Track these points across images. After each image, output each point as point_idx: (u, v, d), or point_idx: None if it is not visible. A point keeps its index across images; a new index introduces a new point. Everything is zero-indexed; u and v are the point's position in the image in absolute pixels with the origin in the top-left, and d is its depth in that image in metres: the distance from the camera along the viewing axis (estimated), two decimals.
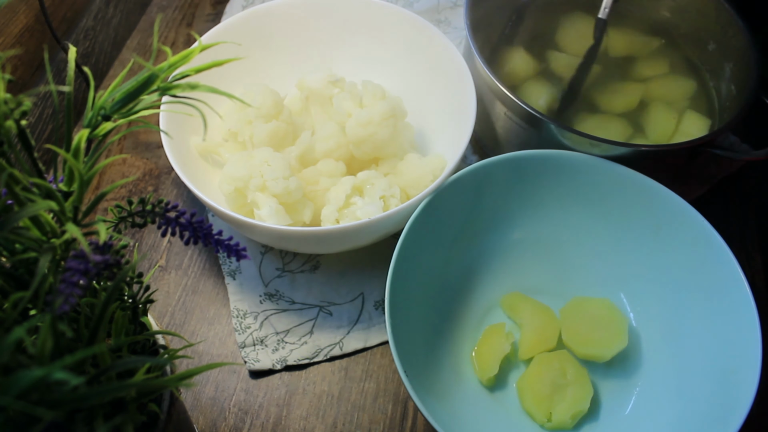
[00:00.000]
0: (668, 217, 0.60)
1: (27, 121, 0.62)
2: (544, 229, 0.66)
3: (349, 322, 0.66)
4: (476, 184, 0.62)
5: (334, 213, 0.63)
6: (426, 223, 0.60)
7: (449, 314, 0.64)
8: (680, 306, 0.60)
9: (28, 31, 0.77)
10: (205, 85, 0.36)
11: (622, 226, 0.63)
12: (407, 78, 0.76)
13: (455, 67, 0.69)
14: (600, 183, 0.62)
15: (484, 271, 0.66)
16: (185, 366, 0.63)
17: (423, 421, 0.61)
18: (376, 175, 0.66)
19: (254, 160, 0.63)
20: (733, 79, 0.70)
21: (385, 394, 0.62)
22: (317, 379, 0.63)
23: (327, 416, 0.61)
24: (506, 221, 0.65)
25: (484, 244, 0.66)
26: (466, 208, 0.63)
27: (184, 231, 0.39)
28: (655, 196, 0.60)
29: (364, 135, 0.66)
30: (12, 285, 0.35)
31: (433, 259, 0.62)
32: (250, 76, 0.76)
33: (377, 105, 0.66)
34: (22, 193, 0.32)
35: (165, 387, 0.38)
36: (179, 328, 0.66)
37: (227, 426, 0.60)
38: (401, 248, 0.57)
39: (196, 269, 0.70)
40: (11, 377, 0.26)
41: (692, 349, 0.58)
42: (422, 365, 0.58)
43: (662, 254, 0.61)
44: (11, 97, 0.31)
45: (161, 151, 0.79)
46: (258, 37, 0.75)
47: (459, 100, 0.68)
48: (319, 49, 0.78)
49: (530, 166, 0.63)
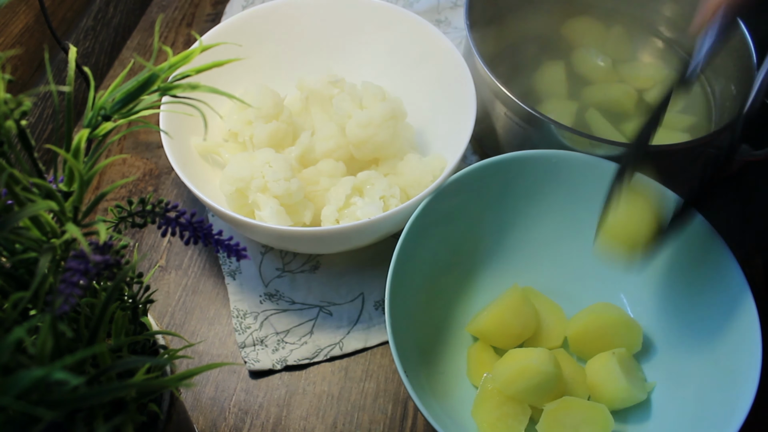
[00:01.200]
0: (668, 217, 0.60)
1: (27, 121, 0.62)
2: (544, 230, 0.66)
3: (349, 322, 0.66)
4: (476, 185, 0.62)
5: (334, 213, 0.63)
6: (426, 223, 0.60)
7: (449, 314, 0.64)
8: (680, 306, 0.60)
9: (28, 31, 0.77)
10: (205, 86, 0.36)
11: None
12: (407, 78, 0.76)
13: (455, 67, 0.69)
14: (600, 183, 0.62)
15: (484, 271, 0.66)
16: (185, 366, 0.63)
17: (423, 421, 0.61)
18: (376, 176, 0.66)
19: (256, 161, 0.63)
20: (733, 79, 0.70)
21: (385, 394, 0.62)
22: (317, 379, 0.63)
23: (327, 416, 0.61)
24: (506, 221, 0.65)
25: (484, 244, 0.66)
26: (466, 208, 0.63)
27: (184, 231, 0.39)
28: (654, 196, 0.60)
29: (364, 136, 0.66)
30: (12, 285, 0.35)
31: (433, 259, 0.62)
32: (251, 77, 0.75)
33: (377, 106, 0.66)
34: (22, 193, 0.32)
35: (165, 387, 0.38)
36: (179, 328, 0.66)
37: (227, 426, 0.60)
38: (401, 248, 0.57)
39: (196, 269, 0.70)
40: (11, 377, 0.26)
41: (692, 349, 0.58)
42: (422, 365, 0.58)
43: (662, 255, 0.61)
44: (11, 97, 0.31)
45: (161, 151, 0.79)
46: (258, 37, 0.75)
47: (459, 100, 0.68)
48: (319, 49, 0.78)
49: (530, 166, 0.63)
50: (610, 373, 0.56)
